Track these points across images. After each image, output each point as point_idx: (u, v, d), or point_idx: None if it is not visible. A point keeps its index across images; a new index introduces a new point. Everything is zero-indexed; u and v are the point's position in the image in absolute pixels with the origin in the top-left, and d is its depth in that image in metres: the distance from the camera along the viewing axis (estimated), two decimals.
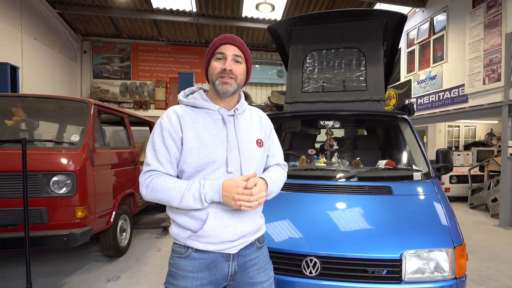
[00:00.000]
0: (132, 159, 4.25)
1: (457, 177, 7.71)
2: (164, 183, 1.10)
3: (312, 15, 3.22)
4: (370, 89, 3.10)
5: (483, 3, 6.02)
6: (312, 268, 1.65)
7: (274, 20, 8.88)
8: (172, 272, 1.19)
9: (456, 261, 1.63)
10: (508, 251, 4.16)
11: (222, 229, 1.15)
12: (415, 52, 8.49)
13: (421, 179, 2.23)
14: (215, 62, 1.18)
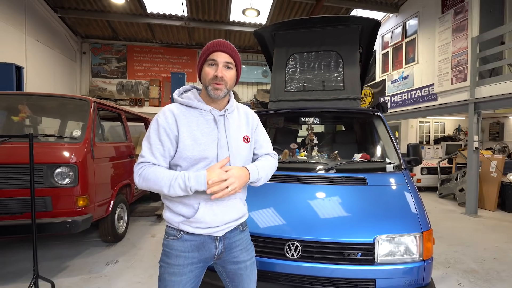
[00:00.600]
0: (128, 153, 4.32)
1: (427, 169, 7.77)
2: (153, 173, 1.15)
3: (294, 21, 3.25)
4: (347, 89, 3.15)
5: (451, 9, 6.11)
6: (294, 251, 1.70)
7: (259, 24, 8.93)
8: (166, 252, 1.25)
9: (423, 245, 1.69)
10: (473, 236, 4.25)
11: (212, 216, 1.22)
12: (389, 54, 8.56)
13: (393, 171, 2.27)
14: (208, 68, 1.22)
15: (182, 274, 1.24)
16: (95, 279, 2.88)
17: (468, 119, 5.70)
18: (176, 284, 1.23)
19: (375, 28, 3.14)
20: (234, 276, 1.36)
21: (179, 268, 1.23)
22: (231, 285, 1.39)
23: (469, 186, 5.61)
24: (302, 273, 1.70)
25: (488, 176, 5.88)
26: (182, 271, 1.24)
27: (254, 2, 7.58)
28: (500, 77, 5.10)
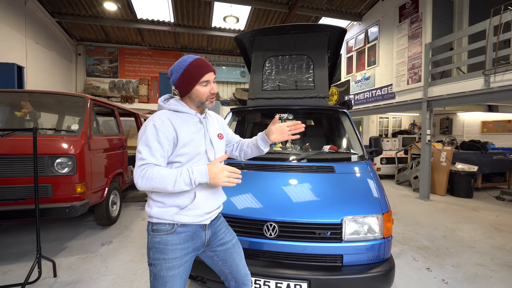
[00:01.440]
0: (121, 144, 4.37)
1: (386, 159, 7.91)
2: (158, 172, 1.14)
3: (270, 28, 3.26)
4: (317, 88, 3.21)
5: (407, 19, 6.21)
6: (272, 231, 1.73)
7: (239, 30, 8.94)
8: (160, 248, 1.22)
9: (384, 225, 1.78)
10: (426, 218, 4.40)
11: (205, 203, 1.27)
12: (353, 57, 8.61)
13: (357, 160, 2.35)
14: (203, 88, 1.26)
15: (180, 266, 1.23)
16: (92, 258, 2.92)
17: (422, 115, 5.83)
18: (175, 278, 1.21)
19: (342, 35, 3.22)
20: (225, 256, 1.39)
21: (177, 261, 1.22)
22: (225, 267, 1.40)
23: (422, 174, 5.76)
24: (279, 250, 1.74)
25: (439, 165, 6.09)
26: (180, 263, 1.23)
27: (234, 10, 7.60)
28: (449, 79, 5.30)
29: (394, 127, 9.83)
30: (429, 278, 2.56)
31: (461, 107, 7.12)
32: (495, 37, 4.33)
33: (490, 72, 4.38)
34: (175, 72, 1.27)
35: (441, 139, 8.36)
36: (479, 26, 4.69)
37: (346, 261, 1.72)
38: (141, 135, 1.21)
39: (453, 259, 2.97)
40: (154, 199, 1.24)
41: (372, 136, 2.71)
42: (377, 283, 1.68)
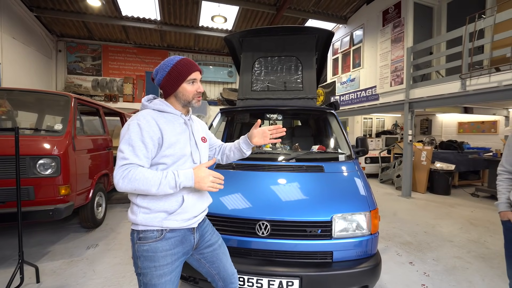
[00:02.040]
0: (106, 145, 4.28)
1: (370, 159, 8.09)
2: (141, 174, 1.09)
3: (260, 29, 3.28)
4: (305, 89, 3.27)
5: (390, 23, 6.37)
6: (264, 230, 1.76)
7: (226, 29, 8.87)
8: (149, 256, 1.17)
9: (371, 221, 1.84)
10: (408, 214, 4.59)
11: (192, 206, 1.25)
12: (338, 59, 8.74)
13: (345, 160, 2.41)
14: (189, 86, 1.26)
15: (171, 272, 1.20)
16: (77, 262, 2.83)
17: (404, 116, 6.02)
18: (167, 284, 1.18)
19: (329, 37, 3.29)
20: (212, 257, 1.39)
21: (168, 267, 1.19)
22: (212, 268, 1.40)
23: (405, 172, 5.94)
24: (271, 248, 1.77)
25: (420, 164, 6.33)
26: (171, 269, 1.20)
27: (222, 10, 7.56)
28: (429, 82, 5.54)
29: (378, 127, 10.05)
30: (412, 272, 2.68)
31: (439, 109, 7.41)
32: (471, 43, 4.58)
33: (466, 76, 4.62)
34: (161, 71, 1.26)
35: (422, 139, 8.65)
36: (456, 33, 4.93)
37: (336, 257, 1.78)
38: (123, 134, 1.16)
39: (433, 253, 3.12)
40: (139, 205, 1.18)
41: (358, 136, 2.79)
42: (365, 277, 1.75)
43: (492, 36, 4.31)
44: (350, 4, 7.53)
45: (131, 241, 1.23)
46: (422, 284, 2.46)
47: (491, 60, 4.48)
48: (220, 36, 9.18)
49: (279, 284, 1.69)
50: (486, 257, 3.03)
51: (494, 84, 4.27)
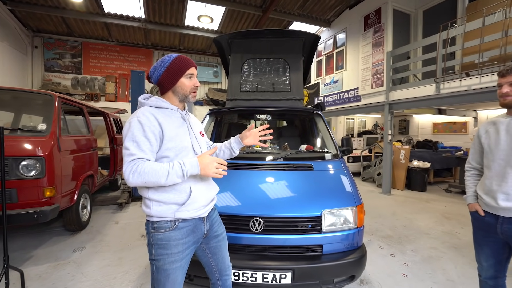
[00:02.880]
0: (91, 145, 4.19)
1: (353, 158, 8.32)
2: (150, 167, 1.15)
3: (248, 31, 3.35)
4: (293, 91, 3.38)
5: (371, 28, 6.62)
6: (258, 226, 1.84)
7: (212, 30, 8.86)
8: (163, 245, 1.24)
9: (357, 216, 1.97)
10: (388, 210, 4.82)
11: (201, 196, 1.31)
12: (322, 61, 8.92)
13: (332, 158, 2.53)
14: (187, 81, 1.32)
15: (182, 259, 1.28)
16: (64, 266, 2.77)
17: (384, 117, 6.28)
18: (177, 270, 1.26)
19: (315, 41, 3.41)
20: (215, 249, 1.47)
21: (179, 255, 1.26)
22: (213, 259, 1.48)
23: (385, 170, 6.23)
24: (264, 244, 1.86)
25: (398, 163, 6.63)
26: (182, 256, 1.28)
27: (208, 10, 7.54)
28: (407, 85, 5.84)
29: (359, 127, 10.37)
30: (393, 263, 2.87)
31: (416, 110, 7.80)
32: (444, 50, 4.90)
33: (440, 80, 4.95)
34: (159, 68, 1.31)
35: (400, 138, 9.05)
36: (431, 39, 5.25)
37: (326, 250, 1.89)
38: (126, 132, 1.21)
39: (412, 245, 3.34)
40: (151, 198, 1.24)
41: (344, 136, 2.96)
42: (352, 268, 1.88)
43: (463, 43, 4.65)
44: (333, 8, 7.77)
45: (146, 230, 1.30)
46: (402, 274, 2.65)
47: (461, 66, 4.83)
48: (206, 36, 9.13)
49: (272, 277, 1.77)
50: (458, 247, 3.29)
51: (465, 88, 4.61)
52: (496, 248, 1.61)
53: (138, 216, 4.39)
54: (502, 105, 1.54)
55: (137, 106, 1.37)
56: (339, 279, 1.89)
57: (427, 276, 2.61)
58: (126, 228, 3.82)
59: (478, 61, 4.38)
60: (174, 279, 1.25)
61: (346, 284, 1.99)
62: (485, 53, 4.30)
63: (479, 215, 1.64)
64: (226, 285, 1.56)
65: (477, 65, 4.44)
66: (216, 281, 1.54)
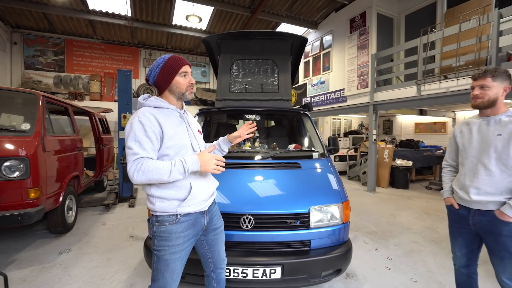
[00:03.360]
0: (76, 146, 4.10)
1: (339, 157, 8.53)
2: (153, 165, 1.22)
3: (238, 33, 3.39)
4: (281, 91, 3.45)
5: (356, 31, 6.79)
6: (248, 223, 1.89)
7: (200, 29, 8.82)
8: (165, 237, 1.33)
9: (343, 212, 2.06)
10: (373, 207, 5.00)
11: (201, 191, 1.38)
12: (309, 62, 9.03)
13: (319, 157, 2.61)
14: (182, 79, 1.38)
15: (182, 251, 1.35)
16: (50, 268, 2.71)
17: (369, 117, 6.44)
18: (177, 260, 1.34)
19: (303, 43, 3.49)
20: (213, 241, 1.53)
21: (179, 247, 1.34)
22: (209, 251, 1.54)
23: (370, 169, 6.42)
24: (255, 240, 1.92)
25: (383, 161, 6.86)
26: (182, 248, 1.35)
27: (197, 10, 7.50)
28: (390, 86, 6.05)
29: (346, 127, 10.61)
30: (377, 257, 3.00)
31: (399, 111, 8.10)
32: (424, 53, 5.13)
33: (421, 82, 5.18)
34: (154, 69, 1.37)
35: (384, 138, 9.33)
36: (412, 43, 5.48)
37: (313, 245, 1.97)
38: (128, 132, 1.27)
39: (394, 239, 3.50)
40: (153, 195, 1.31)
41: (330, 136, 3.04)
42: (339, 262, 1.97)
43: (441, 47, 4.89)
44: (320, 10, 7.92)
45: (150, 223, 1.39)
46: (386, 266, 2.78)
47: (440, 69, 5.08)
48: (194, 36, 9.08)
49: (263, 273, 1.83)
50: (437, 240, 3.47)
51: (443, 90, 4.85)
52: (469, 239, 1.74)
53: (126, 217, 4.34)
54: (473, 107, 1.66)
55: (135, 106, 1.44)
56: (326, 273, 1.97)
57: (409, 268, 2.75)
58: (114, 229, 3.78)
59: (455, 65, 4.62)
60: (173, 268, 1.34)
61: (333, 277, 2.08)
62: (462, 57, 4.55)
63: (454, 208, 1.77)
64: (219, 278, 1.61)
65: (454, 68, 4.68)
66: (210, 273, 1.60)
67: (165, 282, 1.34)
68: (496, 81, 1.56)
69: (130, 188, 5.30)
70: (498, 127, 1.57)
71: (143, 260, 2.83)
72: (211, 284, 1.62)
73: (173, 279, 1.36)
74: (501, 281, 1.58)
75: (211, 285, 1.62)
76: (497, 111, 1.60)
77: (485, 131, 1.62)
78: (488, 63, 4.15)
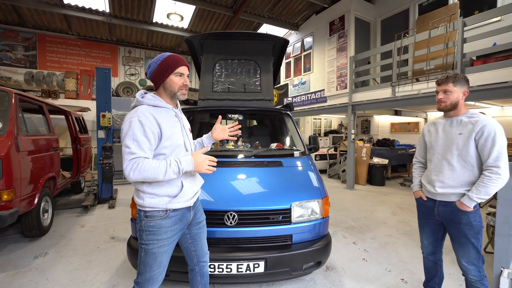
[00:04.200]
0: (52, 145, 3.95)
1: (320, 156, 8.71)
2: (149, 164, 1.26)
3: (220, 33, 3.42)
4: (263, 91, 3.52)
5: (336, 33, 7.04)
6: (232, 220, 1.95)
7: (182, 28, 8.71)
8: (154, 231, 1.37)
9: (323, 207, 2.16)
10: (352, 204, 5.21)
11: (190, 189, 1.43)
12: (291, 63, 9.23)
13: (300, 155, 2.71)
14: (176, 78, 1.40)
15: (169, 244, 1.41)
16: (25, 273, 2.61)
17: (348, 117, 6.66)
18: (164, 253, 1.39)
19: (284, 45, 3.57)
20: (195, 236, 1.58)
21: (167, 240, 1.39)
22: (193, 245, 1.59)
23: (348, 167, 6.65)
24: (238, 236, 1.97)
25: (361, 160, 7.11)
26: (169, 242, 1.40)
27: (178, 8, 7.39)
28: (367, 88, 6.31)
29: (326, 127, 10.89)
30: (355, 250, 3.16)
31: (376, 111, 8.47)
32: (398, 57, 5.42)
33: (395, 84, 5.46)
34: (152, 64, 1.42)
35: (362, 137, 9.67)
36: (387, 47, 5.76)
37: (295, 240, 2.06)
38: (126, 131, 1.29)
39: (371, 233, 3.69)
40: (145, 191, 1.36)
41: (311, 135, 3.15)
42: (319, 255, 2.07)
43: (413, 52, 5.19)
44: (301, 12, 8.10)
45: (138, 218, 1.40)
46: (363, 259, 2.94)
47: (413, 72, 5.39)
48: (175, 34, 8.95)
49: (246, 267, 1.90)
50: (410, 233, 3.70)
51: (415, 92, 5.15)
52: (434, 228, 1.90)
53: (106, 218, 4.23)
54: (438, 110, 1.82)
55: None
56: (308, 265, 2.07)
57: (384, 259, 2.93)
58: (94, 231, 3.68)
59: (426, 68, 4.93)
60: (160, 261, 1.39)
61: (313, 270, 2.18)
62: (431, 61, 4.86)
63: (422, 200, 1.92)
64: (203, 271, 1.66)
65: (425, 72, 4.99)
66: (194, 267, 1.65)
67: (152, 274, 1.38)
68: (457, 86, 1.72)
69: (110, 189, 5.16)
70: (459, 127, 1.73)
71: (125, 261, 2.79)
72: (195, 277, 1.67)
73: (160, 271, 1.41)
74: (461, 264, 1.75)
75: (195, 279, 1.67)
76: (458, 112, 1.77)
77: (448, 131, 1.79)
78: (454, 68, 4.46)
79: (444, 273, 2.10)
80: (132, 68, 10.18)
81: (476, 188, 1.62)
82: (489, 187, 1.58)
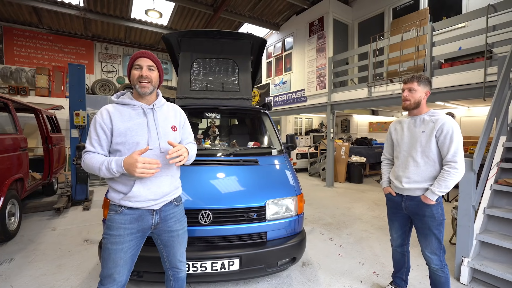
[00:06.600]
0: (19, 145, 3.74)
1: (301, 154, 8.89)
2: (89, 160, 1.32)
3: (198, 31, 3.37)
4: (241, 90, 3.52)
5: (315, 34, 7.15)
6: (206, 218, 1.94)
7: (161, 25, 8.55)
8: (108, 225, 1.40)
9: (298, 204, 2.21)
10: (331, 201, 5.34)
11: (146, 190, 1.39)
12: (272, 63, 9.29)
13: (277, 154, 2.74)
14: (134, 71, 1.40)
15: (123, 243, 1.37)
16: None
17: (327, 116, 6.87)
18: (118, 252, 1.35)
19: (263, 44, 3.59)
20: (167, 242, 1.54)
21: (120, 238, 1.36)
22: (164, 251, 1.57)
23: (328, 165, 6.83)
24: (213, 235, 1.97)
25: (340, 158, 7.31)
26: (123, 240, 1.37)
27: (157, 5, 7.23)
28: (345, 88, 6.49)
29: (307, 126, 11.05)
30: (331, 245, 3.24)
31: (354, 111, 8.72)
32: (374, 58, 5.61)
33: (371, 84, 5.66)
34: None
35: (342, 136, 9.93)
36: (364, 49, 5.95)
37: (270, 237, 2.08)
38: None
39: (347, 229, 3.80)
40: (108, 184, 1.44)
41: (288, 133, 3.20)
42: (294, 251, 2.11)
43: (388, 54, 5.40)
44: (282, 13, 8.18)
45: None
46: (338, 254, 3.02)
47: (387, 73, 5.60)
48: (154, 31, 8.75)
49: (221, 265, 1.90)
50: (383, 228, 3.85)
51: (390, 92, 5.36)
52: (402, 222, 2.00)
53: (80, 220, 4.07)
54: (403, 108, 1.92)
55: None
56: (282, 262, 2.10)
57: (358, 254, 3.03)
58: (66, 234, 3.53)
59: (399, 70, 5.15)
60: (115, 259, 1.35)
61: (288, 266, 2.22)
62: (404, 63, 5.08)
63: (391, 196, 2.01)
64: (177, 277, 1.63)
65: (398, 73, 5.21)
66: (167, 271, 1.64)
67: (108, 272, 1.36)
68: (420, 86, 1.82)
69: (85, 190, 4.96)
70: (422, 125, 1.83)
71: (99, 264, 2.71)
72: (168, 280, 1.65)
73: (116, 271, 1.35)
74: (424, 254, 1.86)
75: (169, 282, 1.65)
76: (421, 111, 1.87)
77: (412, 129, 1.88)
78: (425, 70, 4.69)
79: (412, 264, 2.22)
80: (109, 65, 9.84)
81: (437, 183, 1.72)
82: (448, 181, 1.68)
